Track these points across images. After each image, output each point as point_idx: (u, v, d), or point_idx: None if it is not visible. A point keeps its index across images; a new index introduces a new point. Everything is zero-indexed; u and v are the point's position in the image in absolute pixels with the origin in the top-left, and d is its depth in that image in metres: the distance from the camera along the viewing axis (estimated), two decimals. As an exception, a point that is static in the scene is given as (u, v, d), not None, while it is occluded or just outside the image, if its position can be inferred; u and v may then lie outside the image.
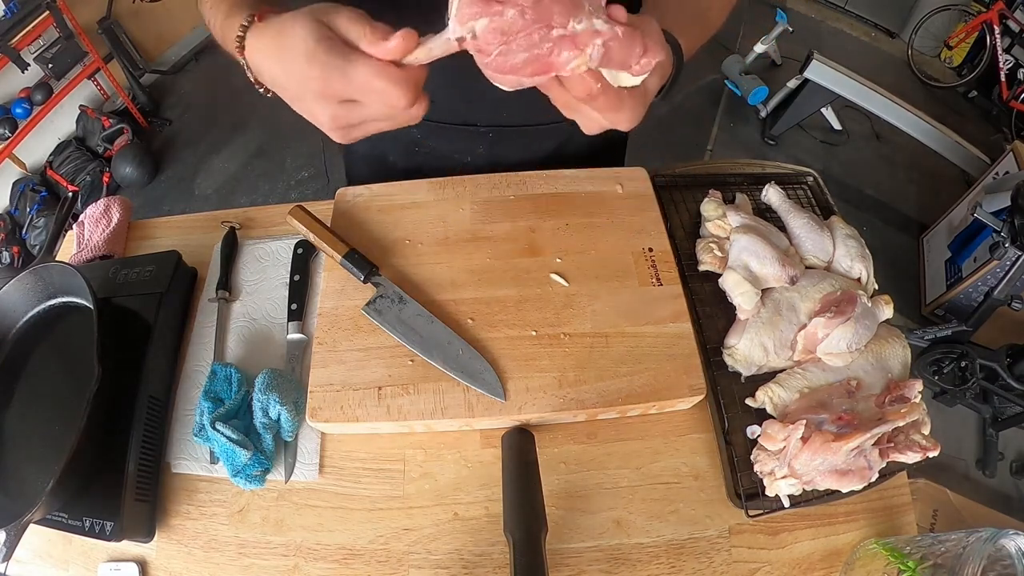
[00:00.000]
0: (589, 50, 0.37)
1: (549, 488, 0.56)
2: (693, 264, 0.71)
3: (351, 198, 0.73)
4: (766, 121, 2.72)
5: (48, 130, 2.46)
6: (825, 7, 3.48)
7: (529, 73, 0.38)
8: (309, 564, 0.58)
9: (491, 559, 0.57)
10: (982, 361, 1.69)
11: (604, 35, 0.36)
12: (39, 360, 0.65)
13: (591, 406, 0.58)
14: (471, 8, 0.36)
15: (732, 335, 0.65)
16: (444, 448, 0.62)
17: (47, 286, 0.65)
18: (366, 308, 0.63)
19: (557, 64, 0.37)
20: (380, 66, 0.39)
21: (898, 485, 0.63)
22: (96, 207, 0.81)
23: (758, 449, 0.59)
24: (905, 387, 0.60)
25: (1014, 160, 1.98)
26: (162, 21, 2.86)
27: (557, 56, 0.37)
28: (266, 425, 0.60)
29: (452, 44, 0.38)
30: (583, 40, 0.36)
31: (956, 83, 3.08)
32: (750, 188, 0.79)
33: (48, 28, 2.26)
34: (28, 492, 0.56)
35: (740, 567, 0.58)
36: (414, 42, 0.39)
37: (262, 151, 2.67)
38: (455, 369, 0.59)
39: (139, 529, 0.58)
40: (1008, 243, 1.57)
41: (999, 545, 0.48)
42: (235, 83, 2.90)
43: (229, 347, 0.70)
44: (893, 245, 2.36)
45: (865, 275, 0.69)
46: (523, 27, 0.36)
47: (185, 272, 0.74)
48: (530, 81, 0.39)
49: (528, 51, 0.36)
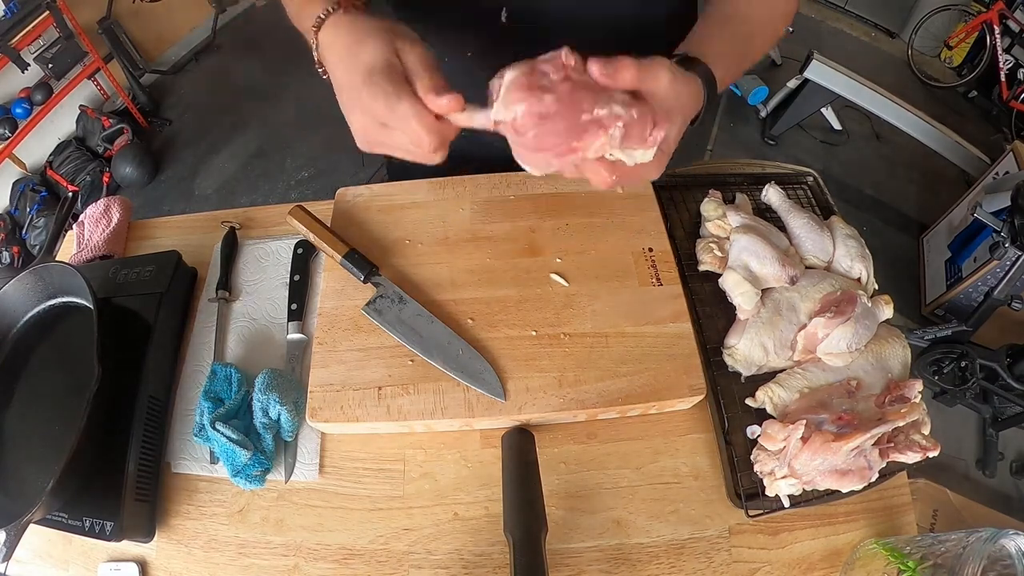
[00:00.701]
0: (612, 131, 0.41)
1: (549, 488, 0.56)
2: (693, 264, 0.71)
3: (351, 198, 0.73)
4: (766, 121, 2.72)
5: (48, 130, 2.46)
6: (825, 7, 3.48)
7: (558, 153, 0.42)
8: (309, 564, 0.58)
9: (491, 559, 0.57)
10: (982, 361, 1.69)
11: (623, 118, 0.41)
12: (39, 360, 0.65)
13: (591, 406, 0.58)
14: (517, 94, 0.41)
15: (732, 335, 0.65)
16: (444, 448, 0.62)
17: (47, 286, 0.65)
18: (366, 308, 0.63)
19: (583, 145, 0.42)
20: (423, 112, 0.44)
21: (898, 485, 0.63)
22: (96, 207, 0.81)
23: (758, 449, 0.59)
24: (905, 387, 0.60)
25: (1014, 160, 1.98)
26: (162, 21, 2.87)
27: (584, 138, 0.41)
28: (266, 425, 0.60)
29: (490, 123, 0.43)
30: (607, 123, 0.41)
31: (956, 83, 3.08)
32: (750, 188, 0.79)
33: (48, 28, 2.26)
34: (28, 492, 0.56)
35: (740, 567, 0.58)
36: (460, 107, 0.44)
37: (262, 151, 2.67)
38: (455, 369, 0.59)
39: (139, 529, 0.58)
40: (1008, 243, 1.57)
41: (999, 545, 0.48)
42: (235, 83, 2.91)
43: (229, 347, 0.70)
44: (893, 245, 2.36)
45: (865, 275, 0.69)
46: (558, 111, 0.41)
47: (185, 272, 0.74)
48: (557, 163, 0.43)
49: (559, 134, 0.41)
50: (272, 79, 2.88)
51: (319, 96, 2.88)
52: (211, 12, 3.04)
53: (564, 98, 0.41)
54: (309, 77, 1.60)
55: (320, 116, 2.64)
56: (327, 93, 0.50)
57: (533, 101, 0.41)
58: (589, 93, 0.41)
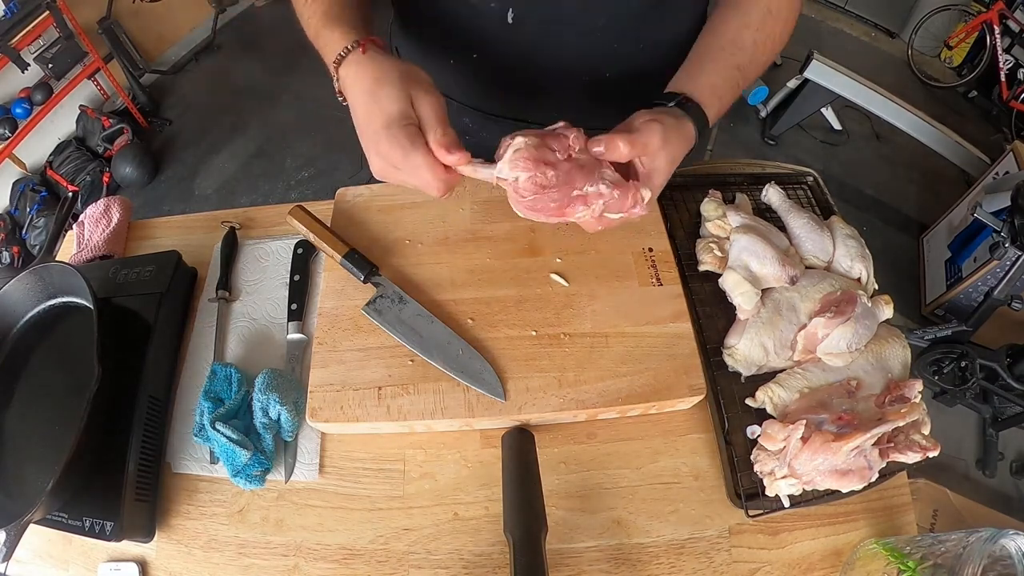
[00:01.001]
0: (593, 206, 0.50)
1: (549, 488, 0.56)
2: (693, 264, 0.71)
3: (351, 198, 0.73)
4: (766, 121, 2.72)
5: (48, 130, 2.46)
6: (825, 7, 3.48)
7: (548, 215, 0.50)
8: (309, 564, 0.58)
9: (491, 559, 0.57)
10: (982, 361, 1.69)
11: (604, 196, 0.49)
12: (39, 360, 0.65)
13: (591, 406, 0.58)
14: (524, 162, 0.47)
15: (732, 335, 0.65)
16: (444, 448, 0.62)
17: (47, 286, 0.65)
18: (366, 308, 0.63)
19: (570, 213, 0.50)
20: (434, 164, 0.49)
21: (898, 485, 0.63)
22: (96, 207, 0.81)
23: (758, 449, 0.59)
24: (905, 387, 0.60)
25: (1014, 160, 1.98)
26: (162, 21, 2.87)
27: (572, 207, 0.49)
28: (266, 425, 0.60)
29: (493, 179, 0.49)
30: (591, 200, 0.49)
31: (956, 83, 3.08)
32: (750, 188, 0.79)
33: (48, 28, 2.26)
34: (28, 492, 0.56)
35: (740, 567, 0.58)
36: (468, 161, 0.49)
37: (262, 151, 2.67)
38: (455, 369, 0.59)
39: (139, 529, 0.58)
40: (1008, 243, 1.56)
41: (999, 545, 0.48)
42: (235, 83, 2.92)
43: (229, 347, 0.70)
44: (893, 245, 2.36)
45: (865, 275, 0.69)
46: (555, 185, 0.48)
47: (185, 272, 0.74)
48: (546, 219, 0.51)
49: (553, 201, 0.49)
50: (272, 79, 2.88)
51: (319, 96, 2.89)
52: (211, 12, 3.03)
53: (563, 175, 0.48)
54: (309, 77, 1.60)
55: (320, 116, 2.64)
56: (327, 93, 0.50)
57: (537, 174, 0.47)
58: (583, 172, 0.49)
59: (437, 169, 0.49)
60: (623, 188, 0.50)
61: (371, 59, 0.52)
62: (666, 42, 0.70)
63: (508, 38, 0.66)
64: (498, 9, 0.64)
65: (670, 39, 0.70)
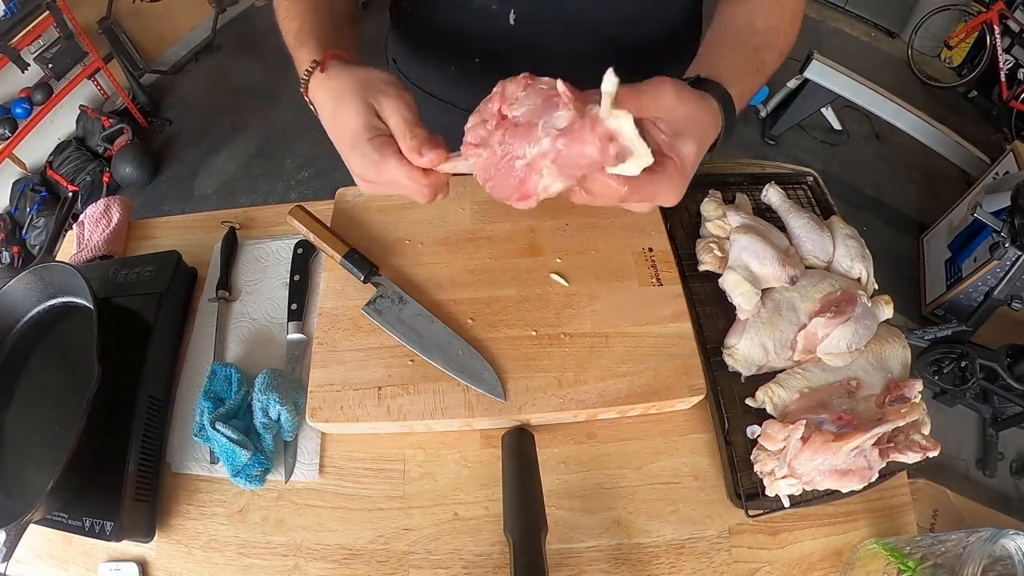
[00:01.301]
0: (545, 172, 0.37)
1: (549, 488, 0.56)
2: (693, 264, 0.71)
3: (351, 198, 0.73)
4: (766, 121, 2.72)
5: (48, 130, 2.46)
6: (825, 7, 3.48)
7: (516, 199, 0.40)
8: (309, 564, 0.58)
9: (491, 559, 0.57)
10: (982, 361, 1.69)
11: (548, 154, 0.37)
12: (39, 360, 0.65)
13: (591, 406, 0.58)
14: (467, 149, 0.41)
15: (732, 335, 0.65)
16: (444, 448, 0.62)
17: (47, 286, 0.65)
18: (366, 308, 0.63)
19: (531, 190, 0.39)
20: (411, 170, 0.45)
21: (898, 485, 0.63)
22: (96, 207, 0.81)
23: (758, 449, 0.59)
24: (905, 387, 0.60)
25: (1014, 160, 1.98)
26: (162, 21, 2.87)
27: (529, 183, 0.38)
28: (266, 425, 0.60)
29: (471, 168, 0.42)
30: (537, 163, 0.37)
31: (956, 83, 3.08)
32: (750, 188, 0.79)
33: (48, 28, 2.26)
34: (28, 492, 0.56)
35: (740, 567, 0.58)
36: (443, 159, 0.44)
37: (262, 151, 2.67)
38: (455, 369, 0.59)
39: (139, 529, 0.58)
40: (1008, 243, 1.56)
41: (999, 545, 0.48)
42: (235, 83, 2.91)
43: (229, 347, 0.70)
44: (893, 245, 2.36)
45: (865, 275, 0.69)
46: (498, 162, 0.39)
47: (185, 272, 0.74)
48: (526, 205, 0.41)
49: (508, 181, 0.39)
50: (272, 79, 2.88)
51: (319, 96, 2.81)
52: (211, 12, 3.03)
53: (498, 147, 0.39)
54: (309, 77, 1.53)
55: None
56: (327, 94, 0.50)
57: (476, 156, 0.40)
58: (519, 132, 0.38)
59: (415, 174, 0.45)
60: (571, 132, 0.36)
61: (330, 76, 0.49)
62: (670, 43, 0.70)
63: (510, 39, 0.66)
64: (500, 11, 0.64)
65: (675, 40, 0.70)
